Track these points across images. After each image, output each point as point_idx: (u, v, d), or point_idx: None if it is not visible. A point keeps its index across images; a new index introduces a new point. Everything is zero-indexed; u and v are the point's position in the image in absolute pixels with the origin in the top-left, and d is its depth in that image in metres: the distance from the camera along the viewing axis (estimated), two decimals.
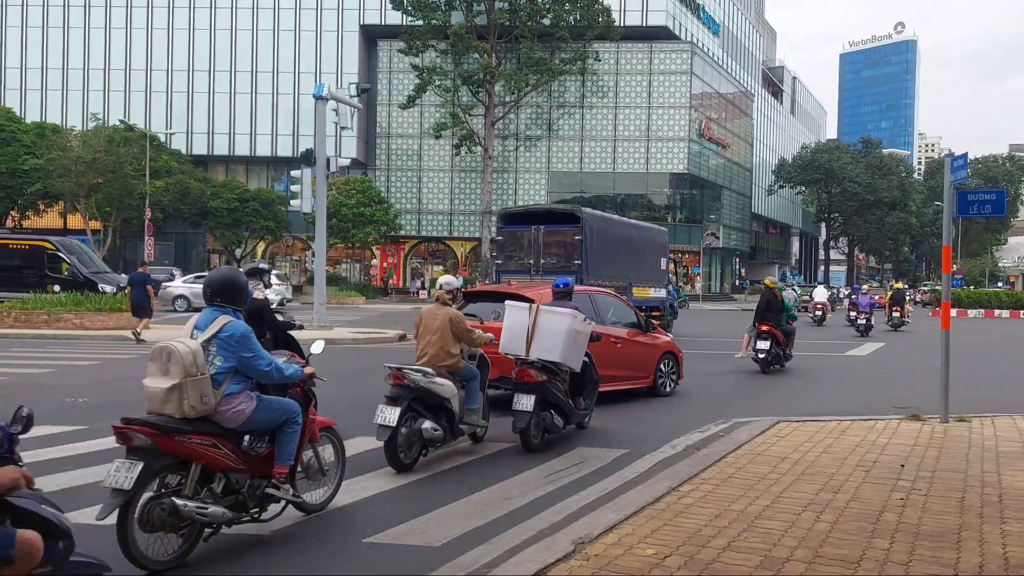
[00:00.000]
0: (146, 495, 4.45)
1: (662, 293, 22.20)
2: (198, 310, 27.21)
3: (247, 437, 4.96)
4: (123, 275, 35.47)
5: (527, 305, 8.25)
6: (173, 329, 22.25)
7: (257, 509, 4.97)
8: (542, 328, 8.01)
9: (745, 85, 67.76)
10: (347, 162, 29.11)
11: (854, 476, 6.64)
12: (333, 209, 38.02)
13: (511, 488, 6.42)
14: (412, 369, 7.08)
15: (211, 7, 51.66)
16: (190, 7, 51.63)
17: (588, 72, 49.16)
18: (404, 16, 44.99)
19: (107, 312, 21.07)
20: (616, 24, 46.10)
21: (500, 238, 20.13)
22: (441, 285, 7.98)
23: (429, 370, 7.16)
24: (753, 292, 52.17)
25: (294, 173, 23.37)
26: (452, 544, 5.04)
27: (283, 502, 5.17)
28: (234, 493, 4.81)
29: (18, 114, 46.68)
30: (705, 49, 57.37)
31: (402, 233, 50.48)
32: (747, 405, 11.04)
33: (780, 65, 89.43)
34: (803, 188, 73.32)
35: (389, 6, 46.97)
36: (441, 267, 53.83)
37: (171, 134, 47.80)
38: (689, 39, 54.76)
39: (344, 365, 15.06)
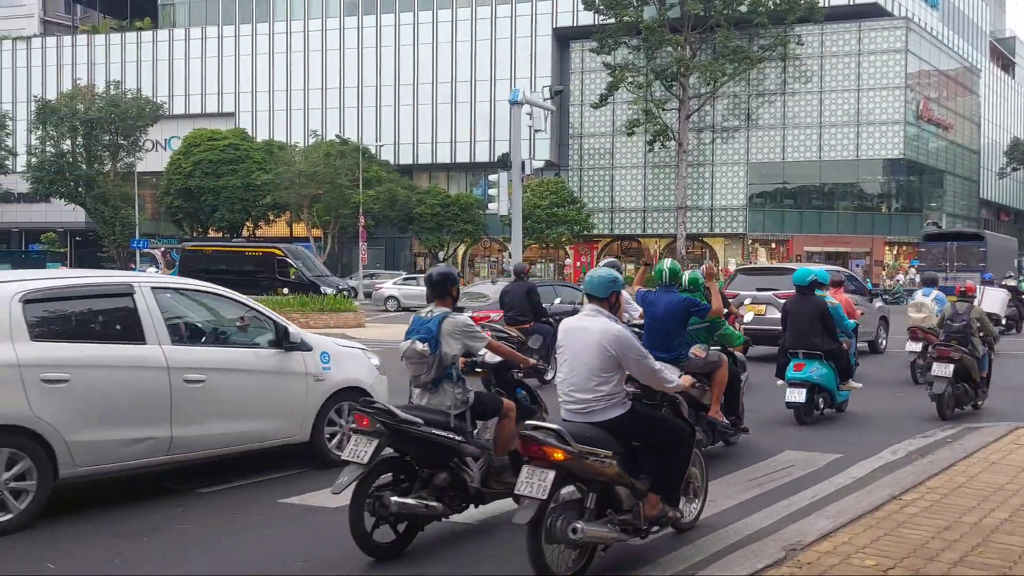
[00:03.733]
0: None
1: (1012, 283, 35.58)
2: (408, 310, 28.74)
3: None
4: (341, 278, 38.43)
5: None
6: (382, 327, 23.71)
7: None
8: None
9: (970, 60, 61.52)
10: (541, 164, 29.75)
11: None
12: (527, 210, 38.84)
13: (715, 490, 6.24)
14: None
15: (414, 23, 54.52)
16: (395, 25, 54.78)
17: (790, 57, 46.73)
18: (596, 15, 45.08)
19: (329, 312, 22.81)
20: (820, 5, 43.51)
21: (923, 249, 33.35)
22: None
23: None
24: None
25: (491, 177, 24.14)
26: (656, 542, 4.99)
27: None
28: None
29: (250, 134, 51.83)
30: (922, 24, 52.74)
31: (595, 232, 50.60)
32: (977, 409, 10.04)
33: (1011, 36, 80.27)
34: None
35: (581, 7, 47.26)
36: (633, 265, 53.42)
37: (380, 146, 50.97)
38: (903, 15, 50.57)
39: None
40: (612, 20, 44.01)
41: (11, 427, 5.26)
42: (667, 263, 7.38)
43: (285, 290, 29.15)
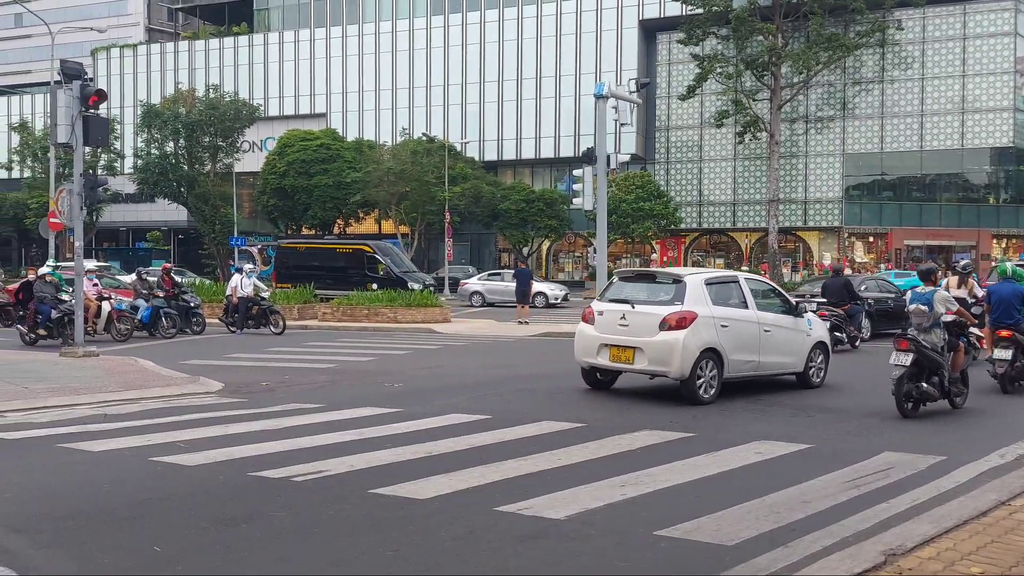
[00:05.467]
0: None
1: None
2: (492, 305, 29.26)
3: None
4: (427, 274, 39.04)
5: None
6: (467, 322, 23.96)
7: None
8: None
9: None
10: (626, 158, 29.38)
11: None
12: (613, 205, 38.58)
13: (810, 491, 6.07)
14: None
15: (499, 20, 54.81)
16: (480, 23, 55.18)
17: (889, 43, 44.84)
18: (683, 6, 44.28)
19: (416, 307, 23.23)
20: None
21: None
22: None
23: None
24: None
25: (576, 172, 24.03)
26: (747, 544, 4.88)
27: None
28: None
29: (340, 133, 53.16)
30: None
31: (682, 226, 49.83)
32: None
33: None
34: None
35: None
36: (723, 260, 52.34)
37: (465, 143, 51.46)
38: None
39: None
40: (700, 10, 43.11)
41: (711, 349, 10.02)
42: (1009, 265, 11.54)
43: (374, 285, 29.78)
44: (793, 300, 11.74)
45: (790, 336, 11.21)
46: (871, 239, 49.69)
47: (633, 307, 10.34)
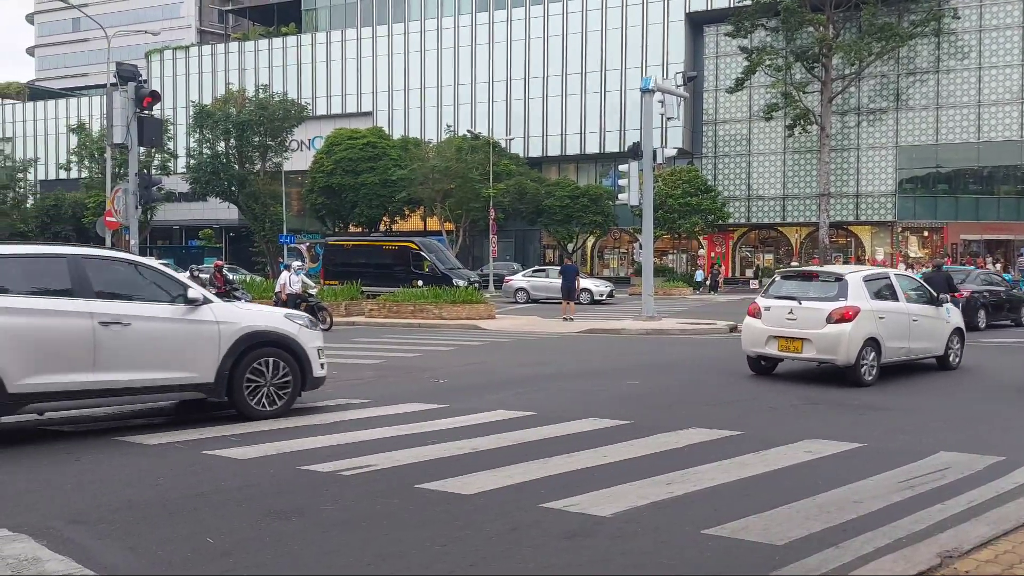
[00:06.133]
0: None
1: None
2: (536, 302, 29.23)
3: None
4: (472, 270, 39.18)
5: None
6: (512, 319, 23.99)
7: None
8: None
9: None
10: (673, 152, 29.16)
11: None
12: (659, 200, 38.22)
13: (862, 491, 5.95)
14: None
15: (544, 16, 54.72)
16: (525, 19, 55.14)
17: (944, 32, 43.65)
18: None
19: (461, 304, 23.33)
20: None
21: None
22: None
23: None
24: None
25: (621, 168, 23.87)
26: (796, 544, 4.80)
27: None
28: None
29: (386, 132, 53.62)
30: None
31: (730, 221, 49.20)
32: None
33: None
34: None
35: None
36: (772, 255, 51.55)
37: (510, 139, 51.48)
38: None
39: (671, 357, 15.08)
40: (748, 2, 42.55)
41: (872, 338, 11.17)
42: None
43: (419, 282, 29.98)
44: (932, 290, 12.95)
45: (933, 324, 12.46)
46: (926, 233, 48.48)
47: (800, 303, 11.47)
